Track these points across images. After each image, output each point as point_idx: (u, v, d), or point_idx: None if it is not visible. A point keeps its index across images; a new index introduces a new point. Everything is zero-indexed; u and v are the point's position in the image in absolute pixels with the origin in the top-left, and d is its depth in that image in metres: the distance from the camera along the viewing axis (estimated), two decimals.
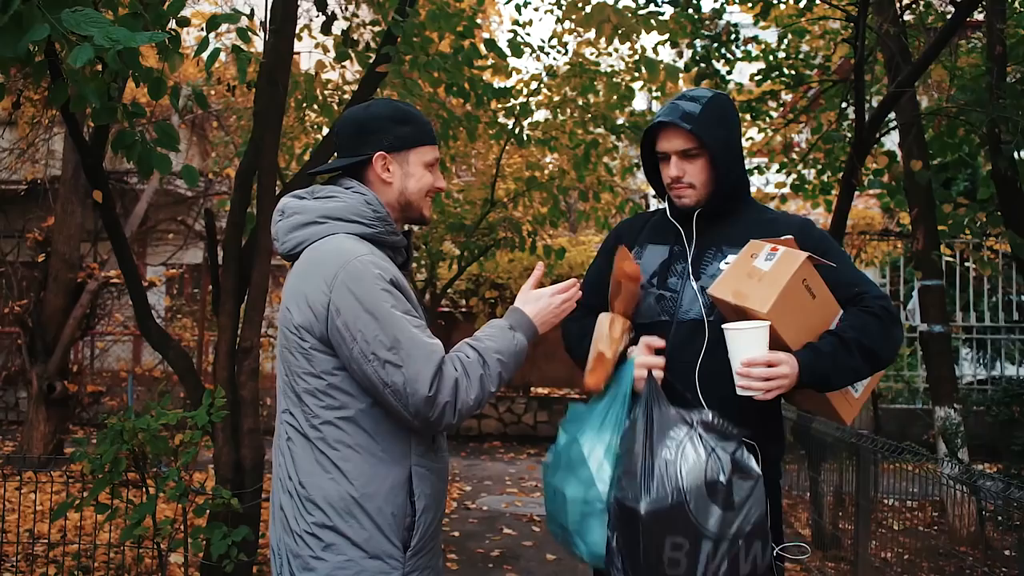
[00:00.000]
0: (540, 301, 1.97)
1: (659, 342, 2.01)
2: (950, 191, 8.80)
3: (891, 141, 7.80)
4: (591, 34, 6.86)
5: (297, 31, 4.43)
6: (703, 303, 2.01)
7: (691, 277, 2.05)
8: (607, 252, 2.24)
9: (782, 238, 1.98)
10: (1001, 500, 3.72)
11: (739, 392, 1.86)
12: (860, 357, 1.94)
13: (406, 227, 2.04)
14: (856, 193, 6.38)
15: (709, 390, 1.98)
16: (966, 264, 9.63)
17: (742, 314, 1.90)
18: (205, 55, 3.10)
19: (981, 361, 9.75)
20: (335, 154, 2.02)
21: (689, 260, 2.07)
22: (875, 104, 6.03)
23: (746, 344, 1.86)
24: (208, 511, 3.49)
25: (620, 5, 5.47)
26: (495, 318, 1.99)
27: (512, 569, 5.27)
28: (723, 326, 1.89)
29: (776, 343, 1.87)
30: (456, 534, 6.00)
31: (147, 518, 3.25)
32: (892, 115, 5.99)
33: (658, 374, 1.96)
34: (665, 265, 2.10)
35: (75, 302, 7.87)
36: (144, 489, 3.40)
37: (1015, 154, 5.74)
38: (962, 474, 3.79)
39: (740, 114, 7.59)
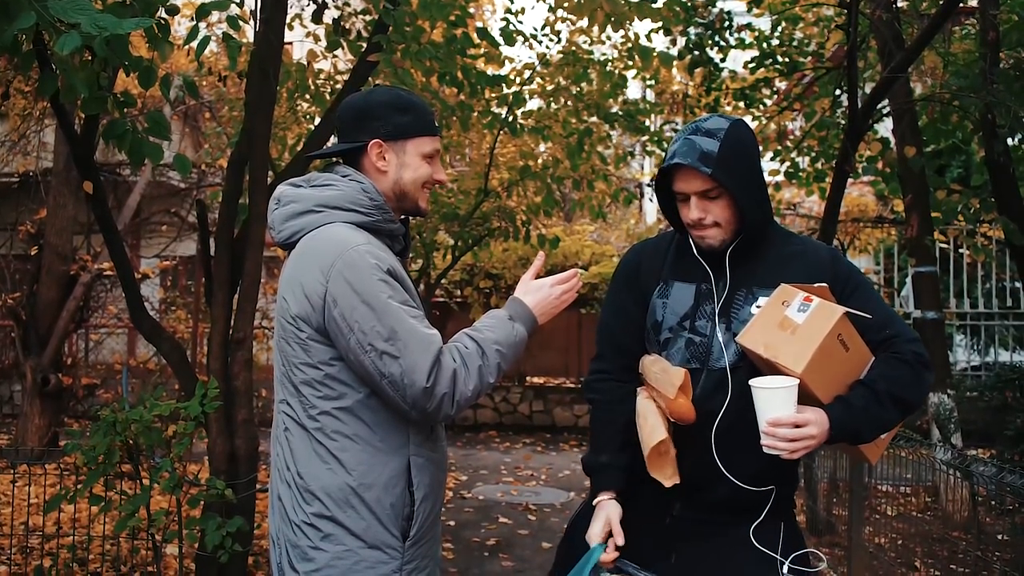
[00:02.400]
0: (540, 292, 1.94)
1: (620, 539, 1.93)
2: (944, 178, 8.80)
3: (885, 128, 7.79)
4: (584, 22, 6.83)
5: (288, 20, 4.40)
6: (734, 350, 1.92)
7: (723, 323, 1.94)
8: (626, 283, 2.10)
9: (815, 286, 1.89)
10: (994, 485, 3.74)
11: (765, 450, 1.80)
12: (892, 408, 1.88)
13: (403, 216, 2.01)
14: (850, 180, 6.37)
15: (727, 442, 1.91)
16: (960, 251, 9.65)
17: (772, 366, 1.83)
18: (195, 43, 3.08)
19: (975, 347, 9.79)
20: (332, 140, 2.01)
21: (718, 303, 1.96)
22: (869, 91, 6.02)
23: (774, 403, 1.78)
24: (203, 502, 3.49)
25: None
26: (490, 308, 1.97)
27: (508, 557, 5.29)
28: (751, 382, 1.81)
29: (808, 398, 1.81)
30: (452, 523, 6.02)
31: (141, 509, 3.25)
32: (886, 102, 5.98)
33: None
34: (694, 306, 1.98)
35: (68, 295, 7.86)
36: (138, 480, 3.39)
37: (1009, 140, 5.74)
38: (955, 459, 3.81)
39: (735, 102, 7.64)
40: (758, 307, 1.92)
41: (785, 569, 1.92)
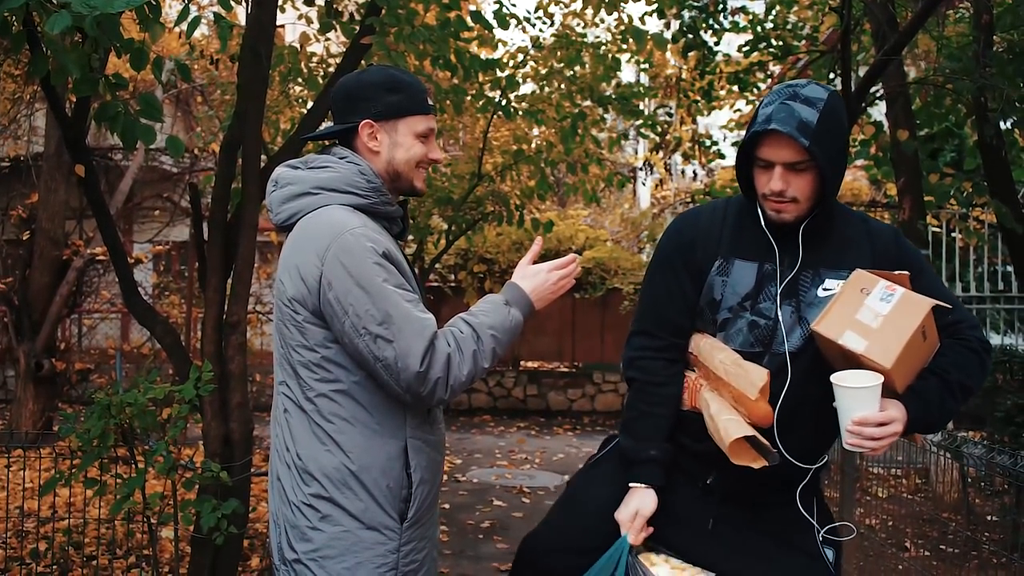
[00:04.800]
0: (537, 277, 1.93)
1: (644, 534, 1.94)
2: (937, 162, 8.81)
3: (878, 112, 7.79)
4: (577, 4, 6.81)
5: (280, 2, 4.37)
6: (799, 334, 1.85)
7: (788, 305, 1.86)
8: (680, 257, 1.97)
9: (896, 273, 1.81)
10: (984, 466, 3.77)
11: (847, 448, 1.77)
12: (961, 398, 1.85)
13: (401, 197, 2.00)
14: None
15: (785, 425, 1.86)
16: (952, 234, 9.67)
17: (851, 357, 1.76)
18: (185, 25, 3.06)
19: None
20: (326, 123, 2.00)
21: (781, 283, 1.87)
22: (862, 74, 6.01)
23: (859, 402, 1.73)
24: (198, 485, 3.49)
25: None
26: (484, 292, 1.98)
27: (502, 540, 5.32)
28: (833, 379, 1.75)
29: (885, 387, 1.76)
30: (447, 506, 6.05)
31: (136, 492, 3.25)
32: (879, 85, 5.97)
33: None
34: (757, 287, 1.88)
35: (61, 279, 7.83)
36: (133, 464, 3.39)
37: (1001, 123, 5.75)
38: (946, 441, 3.83)
39: (729, 86, 7.62)
40: (825, 290, 1.85)
41: (820, 537, 1.94)
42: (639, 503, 1.93)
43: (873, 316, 1.75)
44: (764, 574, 1.90)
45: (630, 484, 1.96)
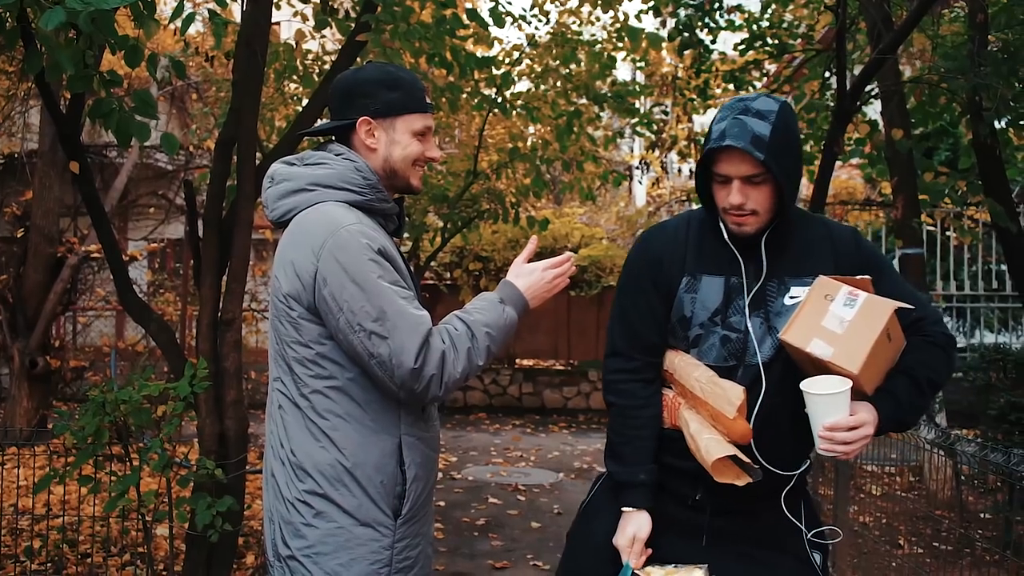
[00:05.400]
0: (532, 275, 1.93)
1: (642, 555, 1.96)
2: (931, 161, 8.83)
3: (873, 111, 7.81)
4: (573, 2, 6.81)
5: None
6: (769, 344, 1.88)
7: (757, 316, 1.89)
8: (649, 276, 1.99)
9: (858, 278, 1.84)
10: (977, 463, 3.78)
11: (820, 453, 1.79)
12: (930, 394, 1.89)
13: (397, 195, 2.00)
14: (838, 163, 6.38)
15: (763, 435, 1.88)
16: (947, 233, 9.70)
17: (819, 364, 1.79)
18: (180, 21, 3.05)
19: (960, 329, 9.85)
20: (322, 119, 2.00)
21: (748, 295, 1.90)
22: (857, 73, 6.01)
23: (829, 408, 1.75)
24: (192, 482, 3.49)
25: None
26: (479, 290, 1.98)
27: (497, 537, 5.33)
28: (802, 386, 1.78)
29: (854, 391, 1.78)
30: (442, 503, 6.05)
31: (131, 490, 3.25)
32: (874, 84, 5.98)
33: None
34: (725, 301, 1.91)
35: (55, 277, 7.81)
36: (128, 461, 3.39)
37: (996, 122, 5.76)
38: (940, 438, 3.84)
39: (724, 84, 7.62)
40: (792, 298, 1.88)
41: (809, 535, 1.97)
42: (635, 527, 1.96)
43: (838, 322, 1.78)
44: None
45: (623, 509, 1.99)
